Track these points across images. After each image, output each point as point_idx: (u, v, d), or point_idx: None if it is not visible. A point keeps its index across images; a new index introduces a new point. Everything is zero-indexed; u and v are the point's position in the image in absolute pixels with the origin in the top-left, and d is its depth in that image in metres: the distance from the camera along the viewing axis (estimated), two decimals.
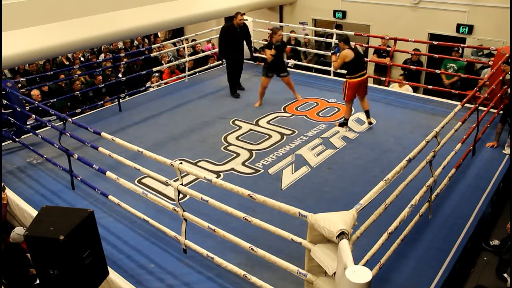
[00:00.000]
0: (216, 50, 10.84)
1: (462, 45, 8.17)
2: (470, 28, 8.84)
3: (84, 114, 7.57)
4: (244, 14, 7.87)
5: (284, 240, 3.15)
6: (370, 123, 6.69)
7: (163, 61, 10.42)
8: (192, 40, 9.77)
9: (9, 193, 5.27)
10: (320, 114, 7.17)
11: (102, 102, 7.89)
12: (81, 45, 8.15)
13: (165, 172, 4.19)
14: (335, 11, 10.60)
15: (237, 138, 6.47)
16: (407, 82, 8.02)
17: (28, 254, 4.33)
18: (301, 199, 4.96)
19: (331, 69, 8.72)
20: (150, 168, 4.16)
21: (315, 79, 8.86)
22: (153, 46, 10.60)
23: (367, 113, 6.68)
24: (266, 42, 10.24)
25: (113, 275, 3.86)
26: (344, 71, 6.42)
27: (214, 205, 3.51)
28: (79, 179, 5.11)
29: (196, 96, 8.17)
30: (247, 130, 6.72)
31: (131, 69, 9.38)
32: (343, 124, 6.64)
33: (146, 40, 12.21)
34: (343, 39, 6.31)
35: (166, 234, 4.12)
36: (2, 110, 6.08)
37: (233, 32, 7.71)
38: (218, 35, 10.28)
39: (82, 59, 10.51)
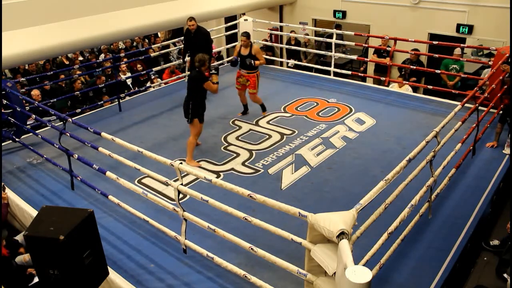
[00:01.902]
0: (215, 50, 10.90)
1: (462, 45, 8.17)
2: (470, 28, 8.84)
3: (84, 114, 7.56)
4: (190, 19, 7.24)
5: (284, 240, 3.15)
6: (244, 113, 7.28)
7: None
8: None
9: (9, 193, 5.27)
10: (320, 114, 7.17)
11: (102, 102, 7.89)
12: (81, 45, 8.15)
13: (165, 172, 4.19)
14: (335, 11, 10.60)
15: (237, 138, 6.47)
16: (407, 82, 8.03)
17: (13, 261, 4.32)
18: (301, 199, 4.96)
19: (331, 69, 8.74)
20: (150, 168, 4.16)
21: (315, 79, 8.86)
22: (153, 46, 10.61)
23: (246, 107, 7.27)
24: (266, 42, 10.32)
25: (113, 275, 3.86)
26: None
27: (214, 205, 3.51)
28: (79, 179, 5.11)
29: None
30: (247, 130, 6.72)
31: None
32: (265, 109, 7.18)
33: (146, 40, 12.21)
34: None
35: (166, 234, 4.12)
36: (2, 110, 6.08)
37: (188, 36, 7.47)
38: (218, 35, 10.37)
39: (81, 59, 10.51)
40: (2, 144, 6.25)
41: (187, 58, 7.81)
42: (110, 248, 4.30)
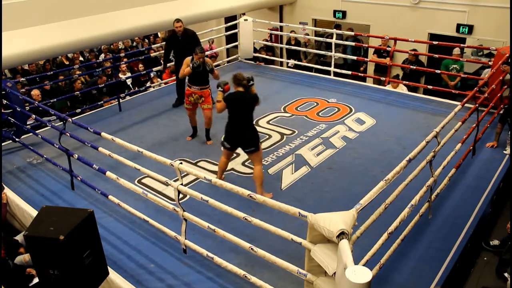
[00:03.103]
0: (215, 50, 10.90)
1: (462, 45, 8.17)
2: (470, 28, 8.84)
3: (84, 114, 7.56)
4: (177, 20, 7.02)
5: (284, 240, 3.15)
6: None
7: (162, 61, 10.43)
8: None
9: (9, 193, 5.27)
10: (320, 114, 7.17)
11: (102, 102, 7.89)
12: (81, 45, 8.14)
13: (165, 172, 4.19)
14: (335, 11, 10.60)
15: None
16: (407, 82, 8.04)
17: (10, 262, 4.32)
18: (301, 199, 4.95)
19: (331, 69, 8.75)
20: (150, 168, 4.16)
21: (315, 79, 8.86)
22: (153, 46, 10.61)
23: (196, 129, 6.52)
24: (266, 42, 10.31)
25: (113, 275, 3.86)
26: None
27: (214, 205, 3.51)
28: (79, 179, 5.10)
29: None
30: None
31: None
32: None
33: (146, 40, 12.21)
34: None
35: (166, 234, 4.12)
36: (2, 110, 6.08)
37: (175, 40, 7.16)
38: (218, 35, 10.36)
39: (81, 59, 10.51)
40: (2, 144, 6.25)
41: (169, 64, 7.62)
42: (110, 248, 4.30)
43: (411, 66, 8.16)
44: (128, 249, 4.35)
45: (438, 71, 7.78)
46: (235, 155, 5.96)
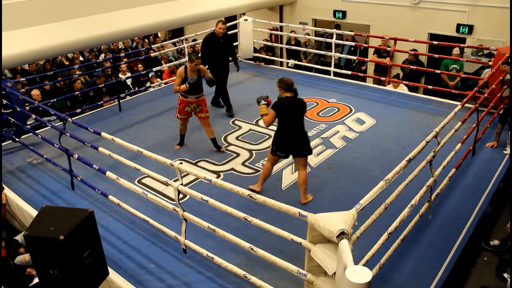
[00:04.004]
0: None
1: (462, 45, 8.17)
2: (470, 28, 8.84)
3: (84, 114, 7.56)
4: (223, 22, 6.99)
5: (284, 240, 3.16)
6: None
7: (162, 62, 10.44)
8: (193, 40, 9.78)
9: (9, 193, 5.27)
10: (320, 114, 7.17)
11: (102, 102, 7.89)
12: (81, 45, 8.14)
13: (165, 172, 4.19)
14: (335, 11, 10.60)
15: (237, 138, 6.47)
16: (407, 82, 8.04)
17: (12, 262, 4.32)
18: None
19: (331, 69, 8.74)
20: (150, 168, 4.16)
21: (315, 79, 8.86)
22: (153, 46, 10.61)
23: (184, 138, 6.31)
24: (266, 42, 10.31)
25: (113, 275, 3.86)
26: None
27: (214, 205, 3.52)
28: (79, 179, 5.10)
29: None
30: (247, 130, 6.71)
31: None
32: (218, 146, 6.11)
33: (146, 40, 12.21)
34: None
35: (166, 234, 4.12)
36: (2, 110, 6.08)
37: (214, 43, 6.98)
38: None
39: (81, 59, 10.51)
40: (2, 144, 6.25)
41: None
42: (110, 248, 4.30)
43: (411, 66, 8.16)
44: (128, 249, 4.35)
45: (438, 71, 7.77)
46: (234, 155, 5.97)
